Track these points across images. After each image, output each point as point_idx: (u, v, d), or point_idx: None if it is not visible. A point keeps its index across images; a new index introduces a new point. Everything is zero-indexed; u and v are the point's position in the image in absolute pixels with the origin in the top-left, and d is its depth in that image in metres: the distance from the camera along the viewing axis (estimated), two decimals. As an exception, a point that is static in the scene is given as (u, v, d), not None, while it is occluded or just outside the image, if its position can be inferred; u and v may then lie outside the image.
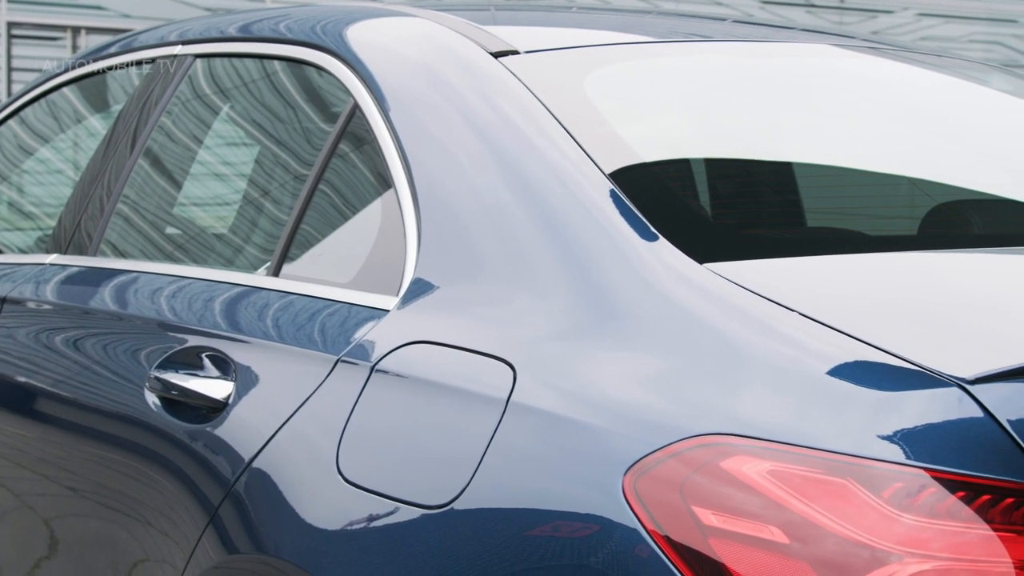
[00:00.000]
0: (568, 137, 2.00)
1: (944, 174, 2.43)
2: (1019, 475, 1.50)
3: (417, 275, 2.01)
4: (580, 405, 1.70)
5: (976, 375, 1.54)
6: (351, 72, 2.31)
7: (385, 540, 1.83)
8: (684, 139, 2.32)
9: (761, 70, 2.47)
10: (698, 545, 1.55)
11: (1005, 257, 2.08)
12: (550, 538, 1.66)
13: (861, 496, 1.51)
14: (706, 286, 1.75)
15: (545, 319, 1.82)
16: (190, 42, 2.78)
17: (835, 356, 1.61)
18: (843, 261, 1.96)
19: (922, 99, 2.59)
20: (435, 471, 1.80)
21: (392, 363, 1.93)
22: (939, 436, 1.52)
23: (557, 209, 1.91)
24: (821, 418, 1.56)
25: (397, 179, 2.12)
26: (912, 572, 1.47)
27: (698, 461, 1.57)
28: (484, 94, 2.12)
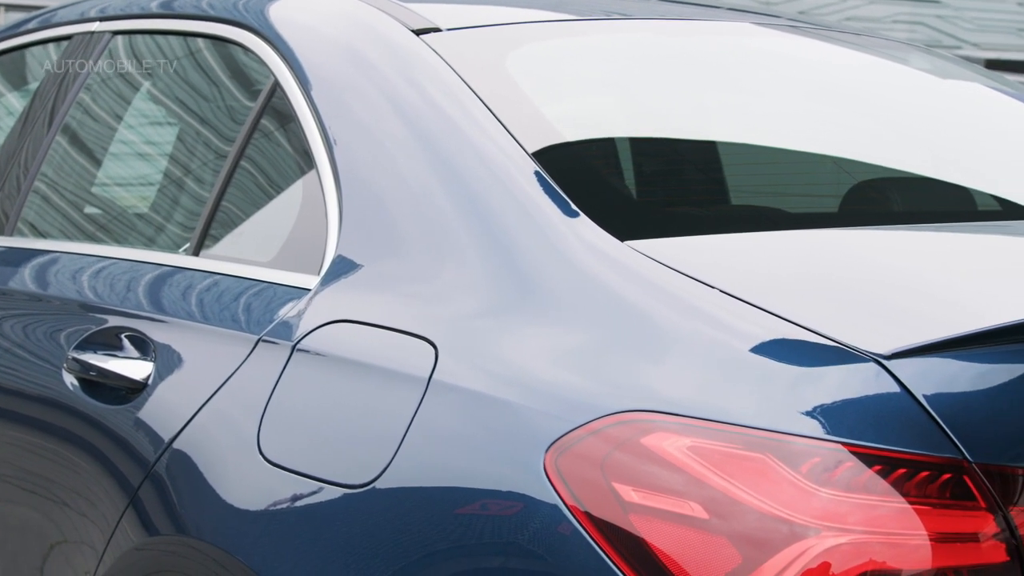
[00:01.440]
0: (490, 116, 1.99)
1: (865, 152, 2.46)
2: (934, 449, 1.52)
3: (338, 254, 2.00)
4: (501, 383, 1.70)
5: (892, 350, 1.56)
6: (272, 50, 2.29)
7: (307, 520, 1.82)
8: (607, 118, 2.32)
9: (684, 48, 2.48)
10: (619, 521, 1.55)
11: (922, 234, 2.10)
12: (472, 516, 1.66)
13: (779, 471, 1.52)
14: (627, 263, 1.75)
15: (466, 297, 1.82)
16: (110, 18, 2.74)
17: (754, 333, 1.62)
18: (764, 238, 1.97)
19: (843, 78, 2.61)
20: (356, 450, 1.80)
21: (313, 342, 1.92)
22: (856, 411, 1.54)
23: (478, 188, 1.91)
24: (740, 394, 1.57)
25: (318, 158, 2.11)
26: (829, 546, 1.49)
27: (618, 438, 1.58)
28: (405, 72, 2.10)
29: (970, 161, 2.47)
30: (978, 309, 1.68)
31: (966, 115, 2.63)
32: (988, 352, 1.59)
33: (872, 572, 1.48)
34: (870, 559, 1.48)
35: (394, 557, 1.71)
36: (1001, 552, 1.51)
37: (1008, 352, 1.59)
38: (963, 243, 2.07)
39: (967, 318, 1.64)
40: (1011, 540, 1.51)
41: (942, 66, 2.81)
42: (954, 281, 1.81)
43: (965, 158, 2.48)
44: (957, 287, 1.78)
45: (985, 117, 2.65)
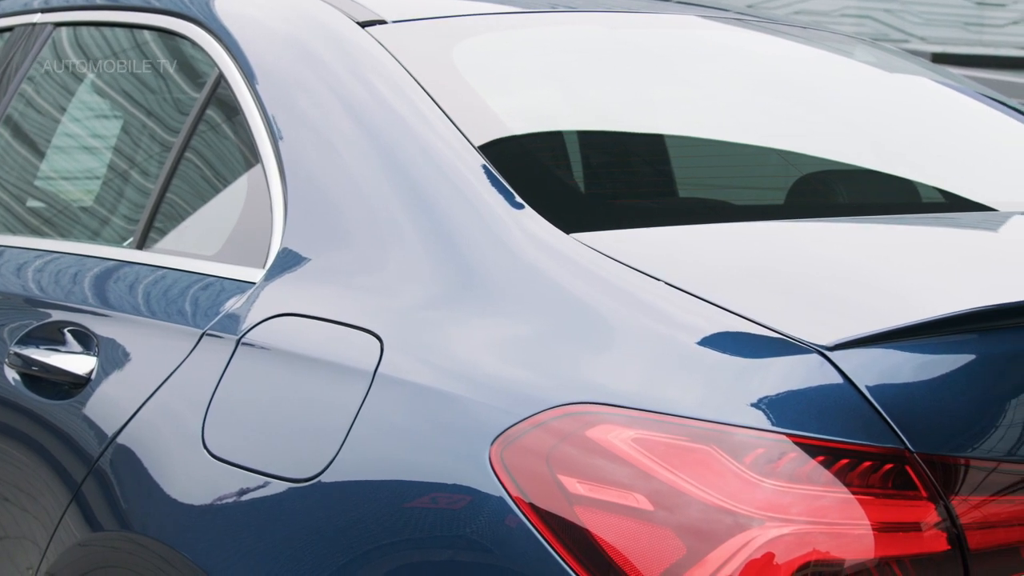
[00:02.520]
0: (435, 108, 1.99)
1: (810, 145, 2.47)
2: (877, 439, 1.53)
3: (283, 248, 1.99)
4: (446, 376, 1.70)
5: (835, 342, 1.57)
6: (217, 42, 2.27)
7: (252, 514, 1.81)
8: (553, 111, 2.32)
9: (630, 41, 2.48)
10: (564, 513, 1.55)
11: (866, 226, 2.11)
12: (418, 510, 1.66)
13: (724, 462, 1.52)
14: (571, 255, 1.75)
15: (411, 290, 1.81)
16: (52, 10, 2.71)
17: (699, 324, 1.62)
18: (709, 231, 1.98)
19: (789, 71, 2.62)
20: (301, 444, 1.79)
21: (258, 336, 1.91)
22: (800, 402, 1.54)
23: (423, 181, 1.90)
24: (685, 386, 1.58)
25: (263, 151, 2.10)
26: (772, 536, 1.49)
27: (563, 431, 1.58)
28: (350, 65, 2.10)
29: (914, 154, 2.49)
30: (920, 301, 1.69)
31: (911, 108, 2.65)
32: (930, 343, 1.60)
33: (815, 562, 1.49)
34: (813, 549, 1.49)
35: (341, 551, 1.71)
36: (942, 541, 1.52)
37: (949, 343, 1.61)
38: (906, 235, 2.09)
39: (909, 310, 1.65)
40: (952, 529, 1.52)
41: (887, 60, 2.83)
42: (896, 273, 1.82)
43: (910, 151, 2.50)
44: (899, 279, 1.79)
45: (929, 110, 2.67)
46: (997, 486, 1.56)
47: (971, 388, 1.59)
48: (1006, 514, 1.56)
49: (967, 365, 1.61)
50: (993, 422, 1.59)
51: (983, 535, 1.54)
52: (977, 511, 1.54)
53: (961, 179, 2.42)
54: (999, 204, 2.24)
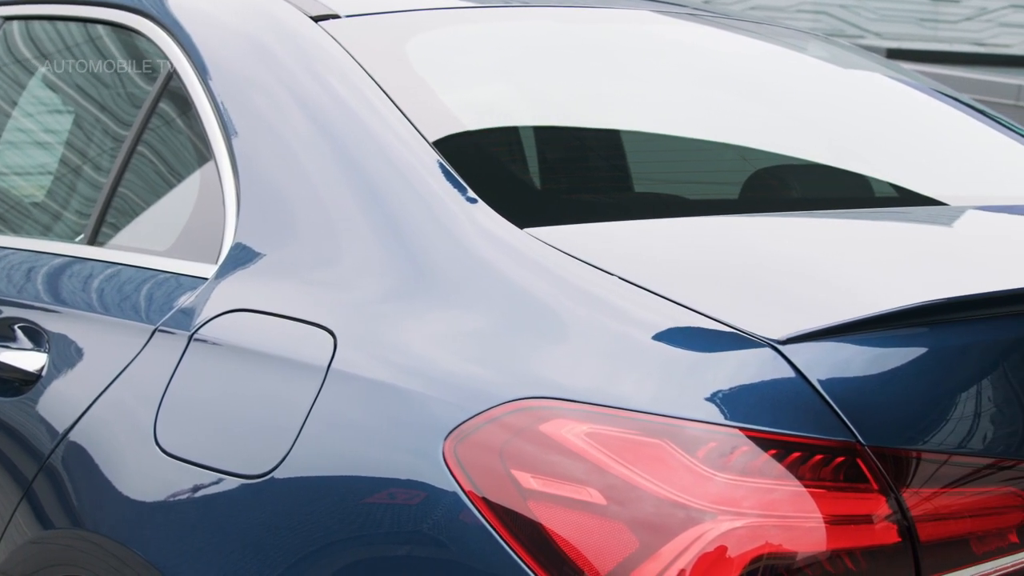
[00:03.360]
0: (389, 103, 1.98)
1: (764, 140, 2.48)
2: (828, 432, 1.53)
3: (236, 243, 1.98)
4: (399, 371, 1.69)
5: (787, 336, 1.57)
6: (169, 37, 2.26)
7: (205, 511, 1.80)
8: (507, 106, 2.32)
9: (584, 36, 2.48)
10: (518, 508, 1.55)
11: (819, 221, 2.12)
12: (372, 505, 1.65)
13: (677, 456, 1.53)
14: (524, 250, 1.75)
15: (364, 285, 1.81)
16: (2, 3, 2.69)
17: (651, 319, 1.63)
18: (663, 225, 1.98)
19: (743, 67, 2.63)
20: (254, 441, 1.78)
21: (210, 331, 1.90)
22: (752, 396, 1.55)
23: (375, 176, 1.90)
24: (638, 380, 1.58)
25: (215, 146, 2.09)
26: (724, 530, 1.50)
27: (517, 425, 1.58)
28: (303, 60, 2.09)
29: (868, 149, 2.51)
30: (871, 295, 1.70)
31: (864, 103, 2.67)
32: (881, 337, 1.61)
33: (767, 555, 1.50)
34: (765, 542, 1.50)
35: (294, 547, 1.70)
36: (893, 533, 1.53)
37: (900, 337, 1.62)
38: (859, 230, 2.10)
39: (860, 304, 1.66)
40: (903, 521, 1.53)
41: (841, 55, 2.84)
42: (848, 267, 1.83)
43: (863, 146, 2.51)
44: (851, 273, 1.80)
45: (882, 106, 2.69)
46: (947, 478, 1.57)
47: (922, 381, 1.61)
48: (956, 506, 1.57)
49: (918, 359, 1.62)
50: (944, 415, 1.60)
51: (933, 527, 1.55)
52: (928, 503, 1.55)
53: (913, 174, 2.44)
54: (950, 199, 2.26)
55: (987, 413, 1.62)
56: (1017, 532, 1.60)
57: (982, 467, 1.60)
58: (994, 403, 1.63)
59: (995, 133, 2.66)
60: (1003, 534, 1.59)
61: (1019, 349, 1.66)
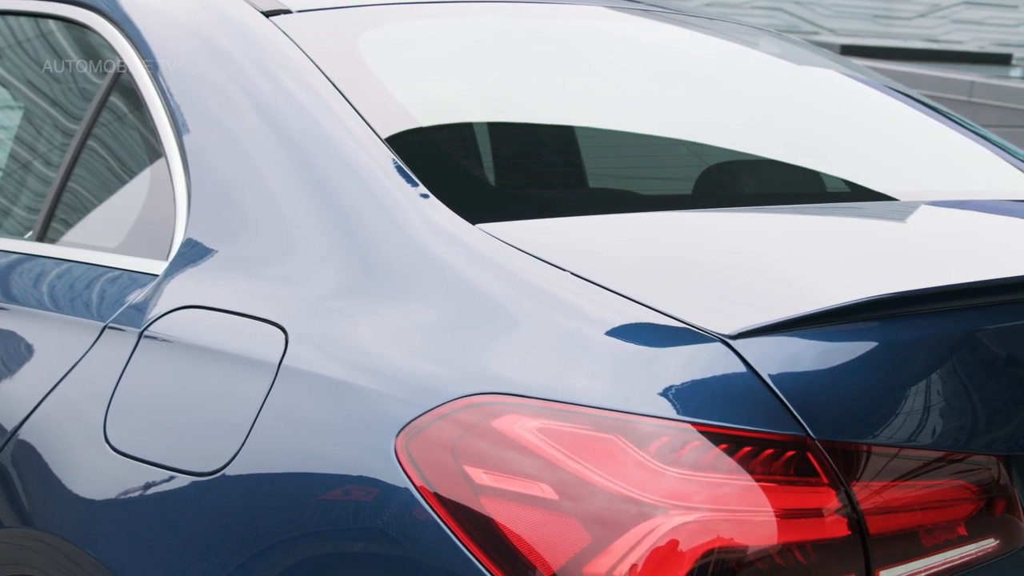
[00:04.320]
0: (341, 99, 1.98)
1: (717, 136, 2.48)
2: (779, 426, 1.54)
3: (187, 239, 1.97)
4: (350, 368, 1.69)
5: (738, 331, 1.58)
6: (119, 32, 2.24)
7: (156, 509, 1.79)
8: (460, 101, 2.32)
9: (538, 31, 2.48)
10: (470, 504, 1.55)
11: (770, 216, 2.13)
12: (324, 502, 1.65)
13: (628, 451, 1.53)
14: (476, 246, 1.75)
15: (315, 282, 1.80)
16: None
17: (603, 315, 1.63)
18: (616, 221, 1.98)
19: (696, 63, 2.64)
20: (205, 438, 1.77)
21: (161, 328, 1.89)
22: (703, 391, 1.55)
23: (327, 172, 1.89)
24: (590, 375, 1.58)
25: (166, 142, 2.07)
26: (676, 524, 1.50)
27: (469, 421, 1.58)
28: (253, 55, 2.08)
29: (820, 145, 2.52)
30: (821, 290, 1.71)
31: (816, 99, 2.68)
32: (831, 332, 1.61)
33: (718, 549, 1.50)
34: (717, 536, 1.50)
35: (247, 545, 1.69)
36: (843, 527, 1.54)
37: (850, 331, 1.63)
38: (810, 225, 2.11)
39: (811, 299, 1.67)
40: (852, 515, 1.54)
41: (792, 51, 2.85)
42: (798, 262, 1.84)
43: (815, 142, 2.52)
44: (801, 268, 1.81)
45: (834, 101, 2.70)
46: (897, 472, 1.58)
47: (872, 376, 1.61)
48: (906, 499, 1.58)
49: (868, 353, 1.63)
50: (893, 409, 1.61)
51: (883, 520, 1.56)
52: (877, 496, 1.56)
53: (864, 170, 2.45)
54: (900, 194, 2.27)
55: (936, 407, 1.63)
56: (966, 525, 1.61)
57: (931, 460, 1.61)
58: (943, 397, 1.64)
59: (946, 129, 2.68)
60: (952, 527, 1.60)
61: (967, 343, 1.68)
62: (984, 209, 2.29)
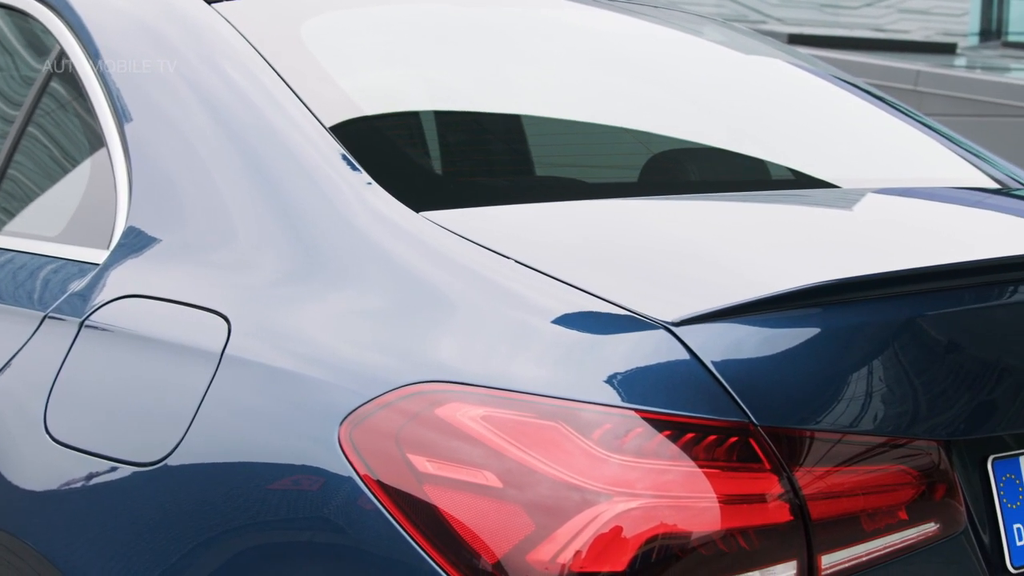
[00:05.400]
0: (283, 86, 1.96)
1: (662, 124, 2.49)
2: (721, 413, 1.54)
3: (128, 229, 1.95)
4: (293, 357, 1.68)
5: (681, 318, 1.58)
6: (59, 19, 2.22)
7: (97, 500, 1.78)
8: (404, 89, 2.31)
9: (483, 19, 2.48)
10: (414, 492, 1.55)
11: (715, 204, 2.14)
12: (267, 491, 1.64)
13: (572, 439, 1.53)
14: (419, 234, 1.75)
15: (258, 271, 1.79)
16: None
17: (547, 302, 1.63)
18: (560, 209, 1.98)
19: (641, 51, 2.64)
20: (147, 428, 1.76)
21: (102, 318, 1.87)
22: (647, 378, 1.56)
23: (269, 160, 1.88)
24: (533, 363, 1.58)
25: (107, 131, 2.05)
26: (619, 511, 1.50)
27: (412, 410, 1.57)
28: (195, 43, 2.06)
29: (765, 133, 2.53)
30: (764, 277, 1.72)
31: (760, 88, 2.69)
32: (774, 318, 1.62)
33: (662, 535, 1.50)
34: (660, 522, 1.51)
35: (190, 535, 1.68)
36: (785, 512, 1.55)
37: (793, 318, 1.63)
38: (753, 213, 2.11)
39: (754, 285, 1.67)
40: (795, 500, 1.55)
41: (736, 39, 2.86)
42: (742, 249, 1.85)
43: (760, 130, 2.53)
44: (745, 255, 1.81)
45: (778, 90, 2.71)
46: (839, 457, 1.59)
47: (814, 362, 1.62)
48: (848, 484, 1.59)
49: (810, 340, 1.64)
50: (836, 395, 1.62)
51: (825, 505, 1.57)
52: (820, 482, 1.57)
53: (809, 157, 2.47)
54: (843, 181, 2.28)
55: (878, 393, 1.64)
56: (907, 509, 1.62)
57: (873, 446, 1.62)
58: (885, 383, 1.65)
59: (890, 118, 2.70)
60: (893, 511, 1.61)
61: (909, 330, 1.69)
62: (926, 197, 2.30)
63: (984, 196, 2.44)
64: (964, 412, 1.68)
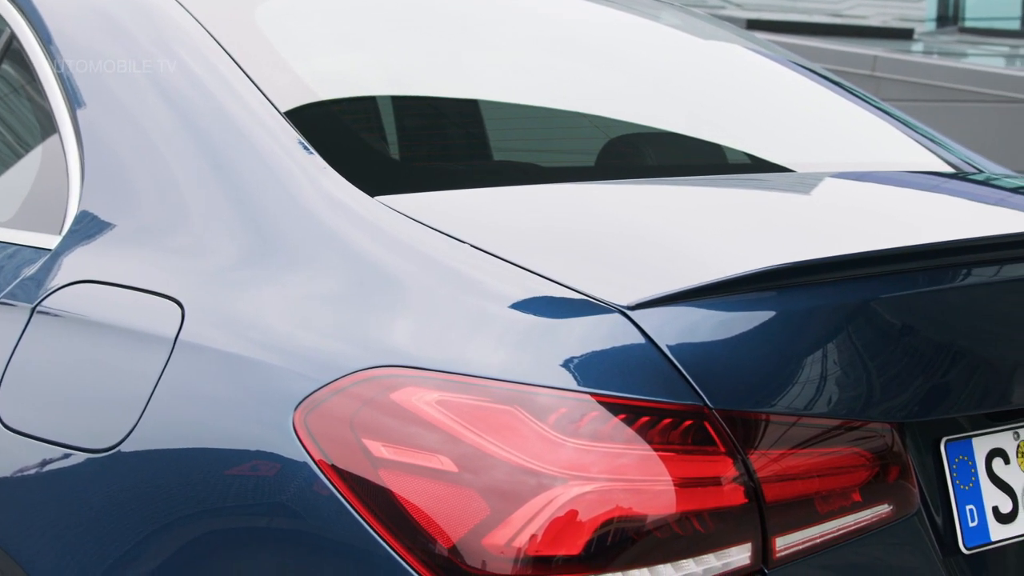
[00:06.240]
0: (237, 70, 1.95)
1: (619, 109, 2.49)
2: (676, 396, 1.55)
3: (80, 214, 1.94)
4: (248, 342, 1.67)
5: (637, 301, 1.58)
6: (8, 2, 2.20)
7: (50, 487, 1.76)
8: (360, 74, 2.30)
9: (436, 3, 2.47)
10: (369, 477, 1.55)
11: (671, 188, 2.14)
12: (223, 477, 1.63)
13: (527, 423, 1.53)
14: (373, 219, 1.74)
15: (212, 256, 1.78)
16: None
17: (502, 286, 1.63)
18: (517, 193, 1.98)
19: (598, 35, 2.64)
20: (100, 414, 1.75)
21: (54, 303, 1.86)
22: (602, 361, 1.56)
23: (223, 144, 1.86)
24: (488, 347, 1.58)
25: (59, 115, 2.04)
26: (575, 494, 1.50)
27: (366, 395, 1.57)
28: (147, 26, 2.04)
29: (721, 118, 2.53)
30: (719, 260, 1.72)
31: (716, 72, 2.70)
32: (728, 302, 1.62)
33: (617, 518, 1.51)
34: (615, 506, 1.51)
35: (144, 522, 1.67)
36: (740, 495, 1.55)
37: (747, 301, 1.63)
38: (709, 196, 2.12)
39: (708, 269, 1.67)
40: (749, 483, 1.56)
41: (693, 24, 2.87)
42: (697, 233, 1.85)
43: (716, 115, 2.54)
44: (700, 239, 1.82)
45: (734, 74, 2.72)
46: (794, 440, 1.60)
47: (769, 345, 1.63)
48: (802, 467, 1.60)
49: (765, 323, 1.64)
50: (790, 378, 1.62)
51: (779, 488, 1.57)
52: (774, 465, 1.58)
53: (765, 142, 2.47)
54: (799, 165, 2.29)
55: (833, 376, 1.64)
56: (860, 491, 1.63)
57: (828, 429, 1.62)
58: (839, 366, 1.65)
59: (846, 102, 2.71)
60: (847, 493, 1.62)
61: (863, 313, 1.70)
62: (881, 181, 2.32)
63: (939, 180, 2.45)
64: (918, 395, 1.69)
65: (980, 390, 1.75)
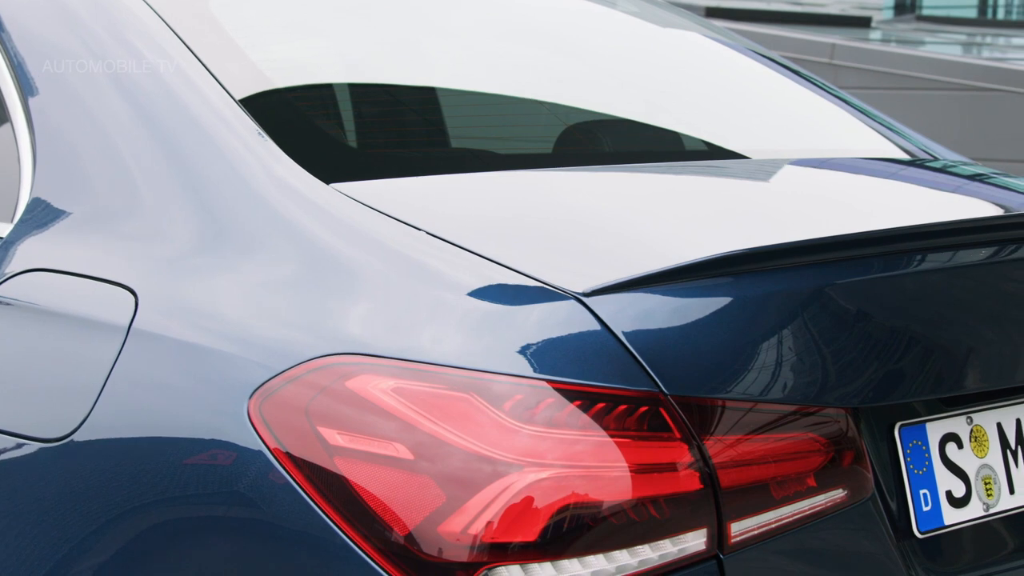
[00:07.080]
0: (191, 57, 1.94)
1: (577, 96, 2.49)
2: (632, 383, 1.55)
3: (32, 202, 1.92)
4: (201, 330, 1.66)
5: (592, 288, 1.58)
6: None
7: (3, 477, 1.75)
8: (316, 61, 2.29)
9: None
10: (324, 465, 1.54)
11: (627, 175, 2.14)
12: (177, 466, 1.62)
13: (483, 410, 1.53)
14: (328, 206, 1.73)
15: (165, 244, 1.77)
16: None
17: (458, 274, 1.62)
18: (473, 180, 1.98)
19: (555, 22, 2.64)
20: (52, 403, 1.73)
21: (6, 292, 1.84)
22: (558, 348, 1.56)
23: (177, 132, 1.85)
24: (444, 335, 1.57)
25: (10, 102, 2.02)
26: (530, 481, 1.50)
27: (321, 383, 1.56)
28: (100, 13, 2.02)
29: (678, 105, 2.54)
30: (674, 247, 1.73)
31: (674, 60, 2.70)
32: (684, 288, 1.63)
33: (573, 505, 1.51)
34: (571, 492, 1.51)
35: (98, 512, 1.66)
36: (695, 480, 1.56)
37: (703, 288, 1.64)
38: (666, 183, 2.12)
39: (664, 256, 1.68)
40: (705, 469, 1.56)
41: (652, 11, 2.87)
42: (653, 220, 1.85)
43: (673, 102, 2.54)
44: (656, 226, 1.82)
45: (692, 62, 2.72)
46: (749, 426, 1.60)
47: (724, 331, 1.63)
48: (757, 452, 1.60)
49: (720, 309, 1.65)
50: (746, 364, 1.63)
51: (735, 473, 1.58)
52: (730, 450, 1.58)
53: (722, 129, 2.48)
54: (755, 152, 2.30)
55: (788, 362, 1.65)
56: (815, 476, 1.64)
57: (783, 414, 1.63)
58: (794, 352, 1.66)
59: (803, 90, 2.71)
60: (802, 479, 1.63)
61: (818, 299, 1.70)
62: (837, 168, 2.32)
63: (895, 168, 2.46)
64: (872, 380, 1.70)
65: (934, 375, 1.76)
